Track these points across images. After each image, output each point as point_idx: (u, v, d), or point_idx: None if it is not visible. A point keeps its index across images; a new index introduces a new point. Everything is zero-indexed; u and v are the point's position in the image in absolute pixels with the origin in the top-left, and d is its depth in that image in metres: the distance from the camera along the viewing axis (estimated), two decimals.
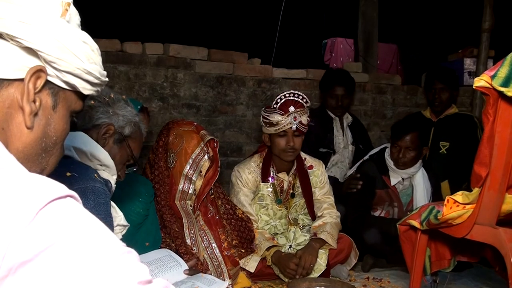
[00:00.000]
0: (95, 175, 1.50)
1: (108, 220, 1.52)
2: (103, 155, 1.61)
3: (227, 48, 3.86)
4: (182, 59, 3.60)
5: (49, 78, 0.80)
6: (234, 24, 6.04)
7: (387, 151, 3.11)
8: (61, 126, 0.85)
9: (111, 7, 5.40)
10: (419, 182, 3.05)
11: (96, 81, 0.86)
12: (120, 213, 1.73)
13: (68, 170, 1.41)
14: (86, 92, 0.86)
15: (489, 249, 2.27)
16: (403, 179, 3.07)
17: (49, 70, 0.79)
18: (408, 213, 2.32)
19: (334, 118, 3.57)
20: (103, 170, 1.62)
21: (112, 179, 1.66)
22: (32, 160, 0.82)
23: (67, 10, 0.82)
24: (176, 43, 3.60)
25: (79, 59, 0.81)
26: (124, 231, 1.75)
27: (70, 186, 0.68)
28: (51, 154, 0.86)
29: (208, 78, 3.70)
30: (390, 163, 3.05)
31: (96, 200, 1.45)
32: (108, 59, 3.31)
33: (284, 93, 2.69)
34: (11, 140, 0.78)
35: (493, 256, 2.30)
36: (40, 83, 0.78)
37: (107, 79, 0.89)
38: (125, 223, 1.74)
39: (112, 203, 1.68)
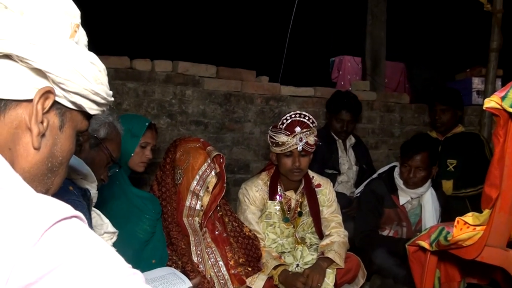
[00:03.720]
0: (70, 187, 1.46)
1: None
2: (78, 164, 1.55)
3: (235, 65, 3.89)
4: (190, 77, 3.62)
5: (57, 99, 0.80)
6: (242, 42, 6.09)
7: (397, 170, 3.09)
8: (67, 146, 0.85)
9: (121, 24, 5.47)
10: (427, 201, 3.02)
11: (102, 101, 0.86)
12: (107, 221, 1.68)
13: None
14: (92, 112, 0.87)
15: (499, 271, 2.24)
16: (412, 198, 3.04)
17: (57, 90, 0.80)
18: (418, 233, 2.30)
19: (337, 140, 3.57)
20: (81, 179, 1.58)
21: (92, 186, 1.61)
22: (38, 180, 0.82)
23: (76, 31, 0.83)
24: (184, 61, 3.63)
25: (87, 80, 0.82)
26: (114, 238, 1.70)
27: None
28: (56, 174, 0.86)
29: (216, 95, 3.72)
30: (399, 182, 3.03)
31: None
32: (117, 76, 3.33)
33: (291, 113, 2.68)
34: (17, 160, 0.78)
35: (503, 279, 2.27)
36: (48, 103, 0.79)
37: (112, 98, 0.90)
38: (113, 229, 1.69)
39: (97, 211, 1.63)
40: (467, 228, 1.88)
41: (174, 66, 3.58)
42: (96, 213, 1.63)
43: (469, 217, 1.88)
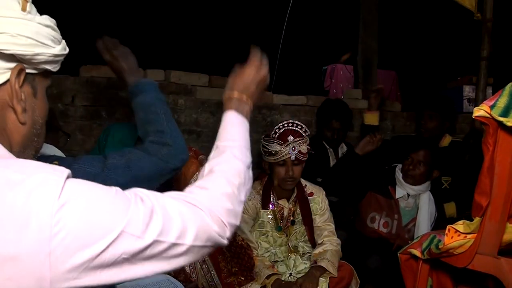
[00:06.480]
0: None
1: None
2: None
3: (228, 74, 3.88)
4: (183, 85, 3.63)
5: (26, 71, 0.87)
6: (235, 50, 6.11)
7: (399, 166, 3.17)
8: (43, 108, 0.94)
9: (113, 34, 5.46)
10: (424, 204, 3.07)
11: (62, 58, 0.94)
12: None
13: None
14: (55, 70, 0.95)
15: (491, 279, 2.25)
16: (408, 194, 3.09)
17: (25, 64, 0.86)
18: (408, 239, 2.31)
19: (329, 148, 3.58)
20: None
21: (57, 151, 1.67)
22: (29, 147, 0.92)
23: (26, 1, 0.86)
24: (177, 70, 3.63)
25: (49, 46, 0.88)
26: None
27: None
28: (40, 135, 0.94)
29: (209, 104, 3.72)
30: (399, 175, 3.11)
31: None
32: (110, 85, 3.33)
33: (283, 122, 2.69)
34: (12, 137, 0.87)
35: (495, 286, 2.27)
36: (21, 79, 0.86)
37: (67, 49, 0.96)
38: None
39: None
40: (458, 236, 1.89)
41: (167, 75, 3.58)
42: None
43: (460, 225, 1.90)
